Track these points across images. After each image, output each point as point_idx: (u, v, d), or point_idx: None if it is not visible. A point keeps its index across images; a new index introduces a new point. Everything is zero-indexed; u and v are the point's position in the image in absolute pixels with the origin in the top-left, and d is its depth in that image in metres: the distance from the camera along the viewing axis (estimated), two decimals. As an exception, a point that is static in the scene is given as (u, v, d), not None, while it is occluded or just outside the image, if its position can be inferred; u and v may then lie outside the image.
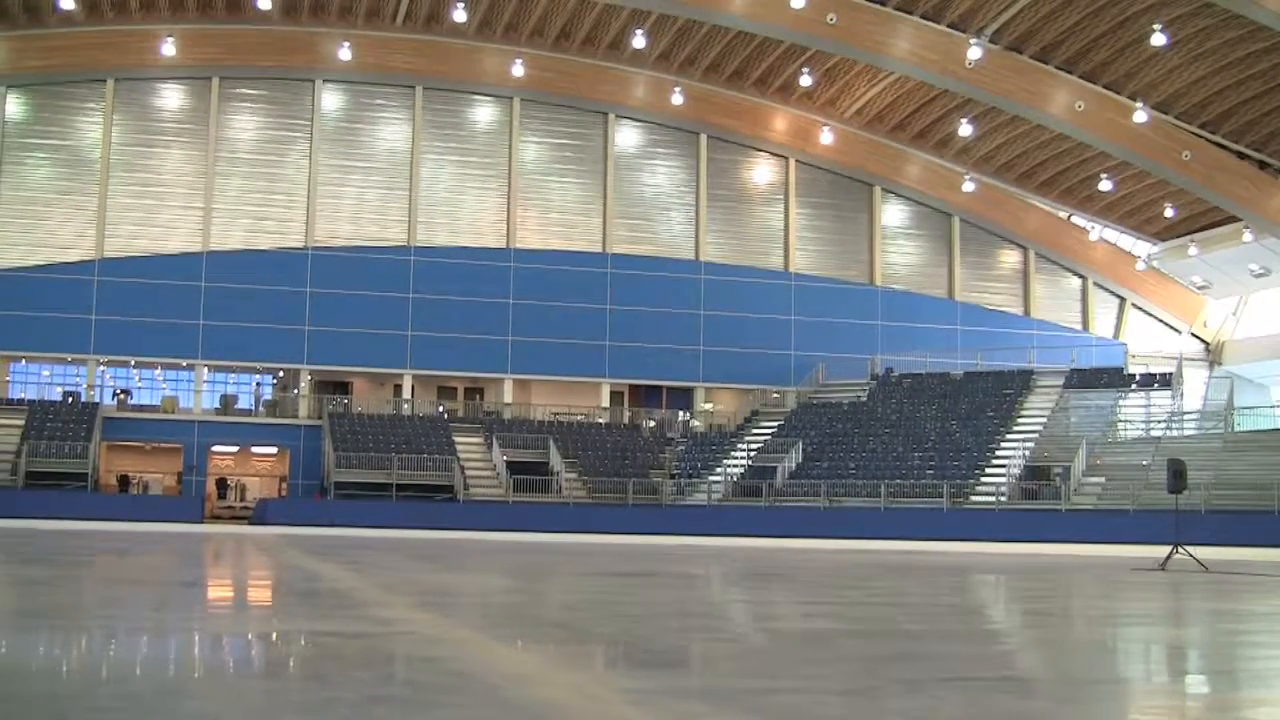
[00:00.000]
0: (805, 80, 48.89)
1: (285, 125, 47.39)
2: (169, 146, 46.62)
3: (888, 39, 45.03)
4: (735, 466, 45.02)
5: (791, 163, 52.84)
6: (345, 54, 45.52)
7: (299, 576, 15.04)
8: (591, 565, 19.73)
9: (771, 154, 52.86)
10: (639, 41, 46.51)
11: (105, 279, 44.67)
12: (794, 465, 44.24)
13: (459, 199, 48.84)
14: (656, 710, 4.70)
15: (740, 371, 50.22)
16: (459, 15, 44.63)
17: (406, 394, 47.83)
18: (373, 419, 45.57)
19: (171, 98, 46.86)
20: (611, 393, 50.19)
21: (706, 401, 51.87)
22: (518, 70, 47.25)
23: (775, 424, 47.86)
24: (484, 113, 49.50)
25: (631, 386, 51.03)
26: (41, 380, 46.95)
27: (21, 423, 41.80)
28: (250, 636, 7.61)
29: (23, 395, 45.12)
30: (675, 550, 27.58)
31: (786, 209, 52.79)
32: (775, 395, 50.68)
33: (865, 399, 48.80)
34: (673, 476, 44.33)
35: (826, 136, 51.64)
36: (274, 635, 7.74)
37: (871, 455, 44.73)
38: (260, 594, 12.52)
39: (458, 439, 44.22)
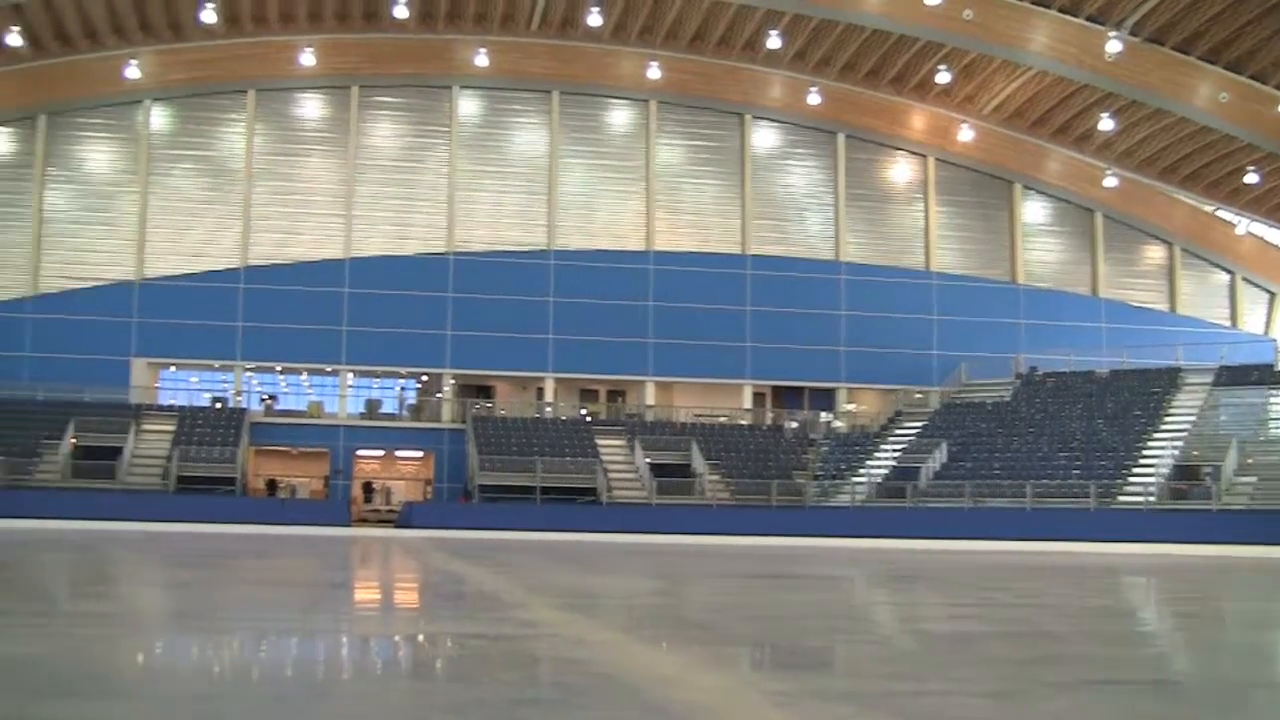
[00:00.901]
0: (942, 77, 55.09)
1: (424, 132, 55.54)
2: (310, 155, 55.05)
3: (1025, 33, 51.12)
4: (879, 467, 51.10)
5: (930, 160, 59.71)
6: (482, 60, 53.30)
7: (445, 579, 17.36)
8: (734, 567, 22.12)
9: (910, 152, 59.84)
10: (774, 42, 53.18)
11: (250, 286, 52.87)
12: (938, 466, 50.08)
13: (597, 202, 56.56)
14: (801, 713, 5.54)
15: (882, 372, 57.09)
16: (594, 19, 51.48)
17: (549, 397, 55.30)
18: (516, 422, 52.87)
19: (311, 107, 55.29)
20: (753, 394, 57.04)
21: (848, 402, 58.39)
22: (653, 73, 54.40)
23: (919, 424, 53.95)
24: (620, 116, 57.29)
25: (773, 388, 57.89)
26: (190, 387, 55.42)
27: (172, 428, 49.66)
28: (397, 638, 8.96)
29: (173, 401, 53.37)
30: (819, 552, 30.47)
31: (926, 207, 59.57)
32: (918, 395, 57.15)
33: (1009, 398, 54.89)
34: (816, 478, 50.51)
35: (965, 133, 58.21)
36: (420, 637, 9.07)
37: (1016, 455, 49.93)
38: (406, 596, 14.54)
39: (600, 441, 51.18)
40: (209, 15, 50.00)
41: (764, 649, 8.79)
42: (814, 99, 56.21)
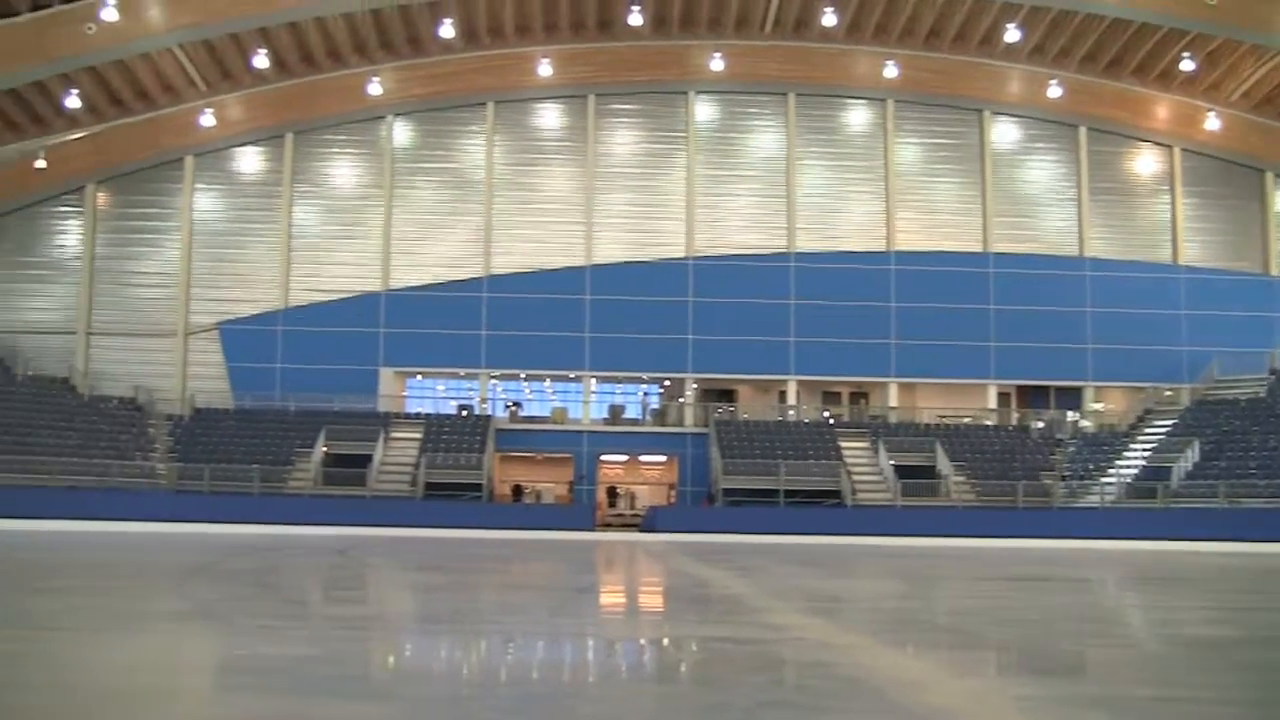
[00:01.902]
0: (1186, 65, 60.63)
1: (661, 138, 63.93)
2: (549, 164, 63.69)
3: (1273, 16, 56.03)
4: (1128, 467, 56.52)
5: (1176, 151, 65.52)
6: (717, 64, 60.53)
7: (690, 583, 19.74)
8: (981, 569, 24.29)
9: (1154, 144, 65.84)
10: (1012, 35, 59.35)
11: (493, 295, 61.57)
12: (1190, 465, 55.19)
13: (836, 203, 63.92)
14: (1050, 719, 6.26)
15: (1130, 369, 62.97)
16: (828, 19, 58.40)
17: (791, 400, 62.32)
18: (758, 425, 60.11)
19: (549, 117, 63.95)
20: (998, 394, 63.32)
21: (1095, 401, 63.99)
22: (890, 71, 61.14)
23: (1169, 423, 59.16)
24: (857, 116, 64.71)
25: (1018, 387, 64.02)
26: (437, 395, 64.72)
27: (419, 436, 58.00)
28: (642, 641, 10.83)
29: (420, 410, 62.24)
30: (1067, 554, 33.19)
31: (1173, 199, 65.66)
32: (1168, 393, 62.18)
33: (1264, 395, 59.77)
34: (1063, 478, 56.05)
35: (1212, 122, 63.57)
36: (666, 640, 10.88)
37: (1274, 453, 54.39)
38: (652, 600, 16.81)
39: (844, 444, 58.01)
40: (447, 30, 58.32)
41: (1012, 653, 9.90)
42: (1054, 92, 62.37)
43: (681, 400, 64.34)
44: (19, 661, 8.52)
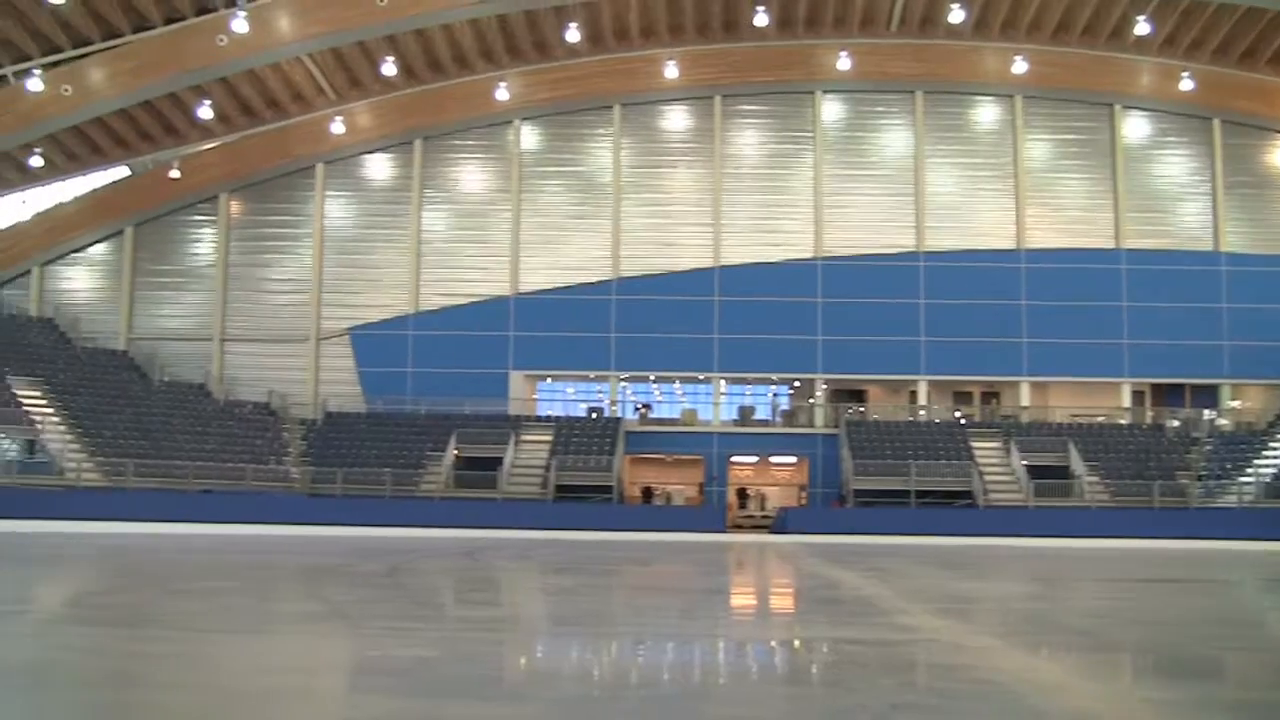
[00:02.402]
0: None
1: (787, 138, 64.34)
2: (676, 166, 64.41)
3: None
4: (1267, 466, 56.32)
5: None
6: (843, 64, 60.80)
7: (820, 584, 19.83)
8: (1116, 570, 24.18)
9: None
10: (1142, 28, 59.05)
11: (622, 298, 62.52)
12: None
13: (965, 202, 63.87)
14: None
15: (1268, 366, 62.27)
16: (955, 16, 58.31)
17: (922, 400, 62.60)
18: (889, 426, 60.47)
19: (675, 119, 64.64)
20: (1132, 392, 62.92)
21: (1233, 398, 63.67)
22: (1018, 67, 60.96)
23: None
24: (986, 113, 64.76)
25: (1152, 385, 63.59)
26: (566, 397, 65.48)
27: (550, 438, 58.98)
28: (773, 643, 10.89)
29: (550, 412, 63.28)
30: (1204, 555, 33.26)
31: None
32: None
33: None
34: (1200, 478, 55.85)
35: None
36: (796, 642, 10.96)
37: None
38: (782, 602, 16.89)
39: (975, 444, 58.19)
40: (573, 35, 59.08)
41: (1148, 656, 9.84)
42: (1186, 85, 61.83)
43: (811, 401, 64.80)
44: (158, 662, 8.91)
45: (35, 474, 52.65)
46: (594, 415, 63.89)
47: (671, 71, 62.81)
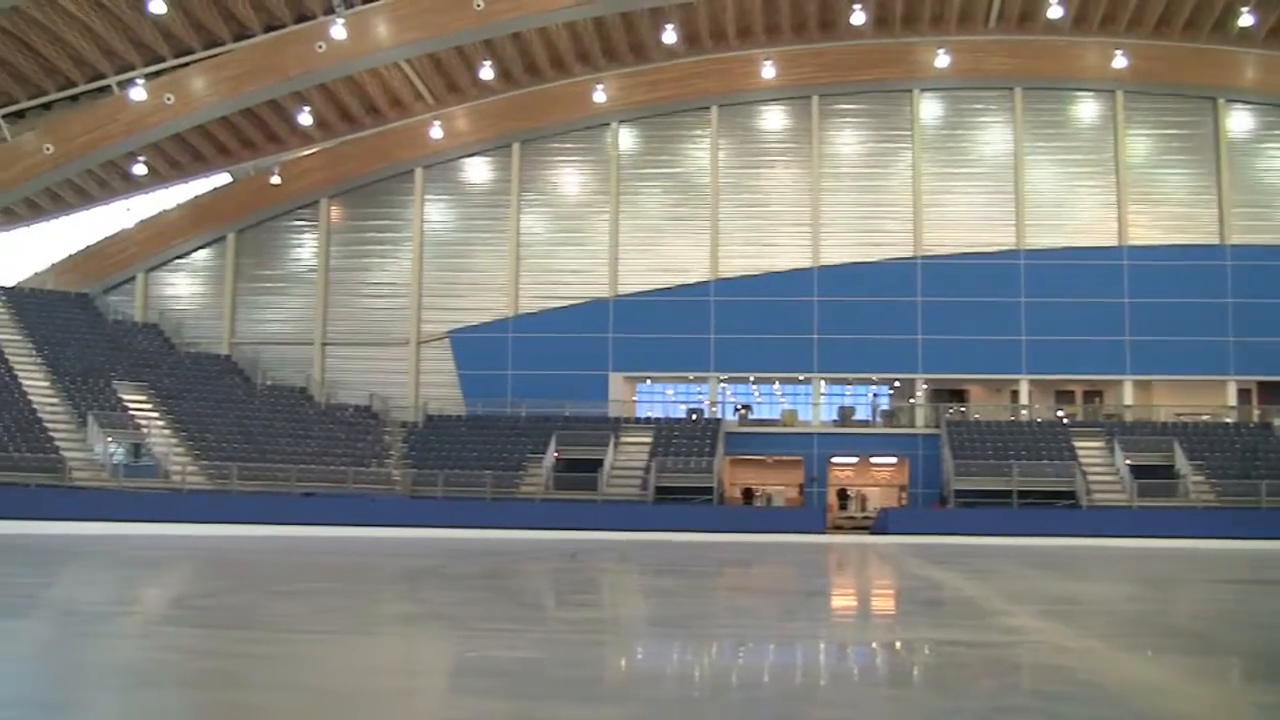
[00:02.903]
0: None
1: (885, 137, 64.44)
2: (773, 166, 64.70)
3: None
4: None
5: None
6: (941, 61, 60.88)
7: (922, 585, 19.87)
8: (1223, 572, 23.99)
9: None
10: (1246, 20, 58.61)
11: (720, 299, 62.82)
12: None
13: (1066, 199, 63.58)
14: None
15: None
16: (1054, 11, 58.17)
17: (1023, 399, 62.40)
18: (990, 425, 60.31)
19: (773, 119, 64.95)
20: (1238, 390, 62.38)
21: None
22: (1119, 62, 60.65)
23: None
24: (1086, 108, 64.42)
25: (1259, 383, 63.03)
26: (666, 399, 66.05)
27: (650, 440, 59.54)
28: (874, 645, 10.88)
29: (650, 414, 63.88)
30: None
31: None
32: None
33: None
34: None
35: None
36: (898, 644, 10.90)
37: None
38: (883, 603, 16.99)
39: (1078, 443, 57.97)
40: (669, 36, 59.56)
41: (1258, 660, 9.65)
42: None
43: (912, 401, 64.83)
44: (261, 663, 9.10)
45: (141, 477, 53.69)
46: (694, 416, 64.30)
47: (768, 71, 63.11)
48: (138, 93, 56.42)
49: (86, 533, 36.48)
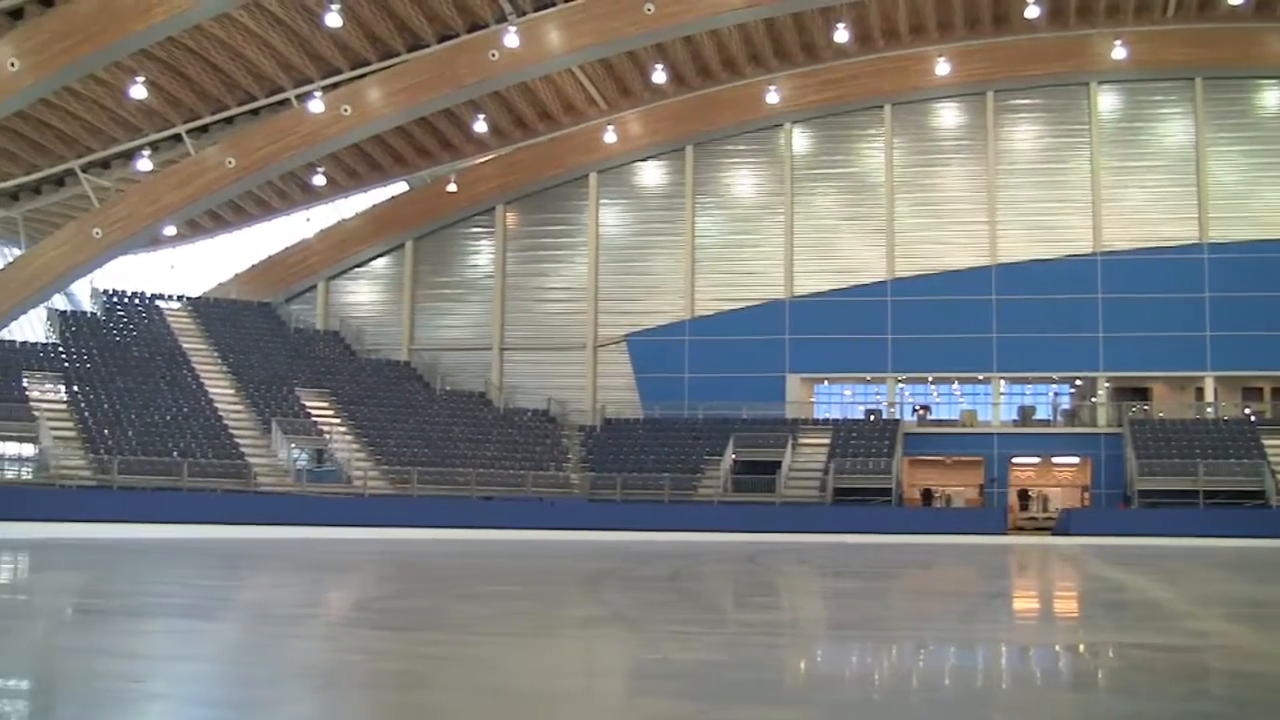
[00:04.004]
0: None
1: (1062, 131, 63.87)
2: (948, 164, 64.66)
3: None
4: None
5: None
6: (1118, 53, 60.18)
7: (1105, 587, 20.01)
8: None
9: None
10: None
11: (897, 299, 63.01)
12: None
13: (1251, 190, 62.49)
14: None
15: None
16: None
17: (1209, 397, 61.71)
18: (1174, 424, 59.70)
19: (947, 116, 65.02)
20: None
21: None
22: None
23: None
24: (1272, 97, 63.42)
25: None
26: (844, 400, 66.69)
27: (827, 441, 59.98)
28: (1056, 648, 10.82)
29: (827, 415, 64.44)
30: None
31: None
32: None
33: None
34: None
35: None
36: (1081, 647, 10.90)
37: None
38: (1066, 605, 17.09)
39: (1267, 441, 57.16)
40: (841, 35, 59.58)
41: None
42: None
43: (1093, 400, 64.32)
44: (445, 664, 9.31)
45: (324, 482, 55.05)
46: (872, 417, 64.57)
47: (942, 68, 62.98)
48: (316, 105, 57.72)
49: (272, 537, 37.21)
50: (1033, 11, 59.41)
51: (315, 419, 59.33)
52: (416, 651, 10.40)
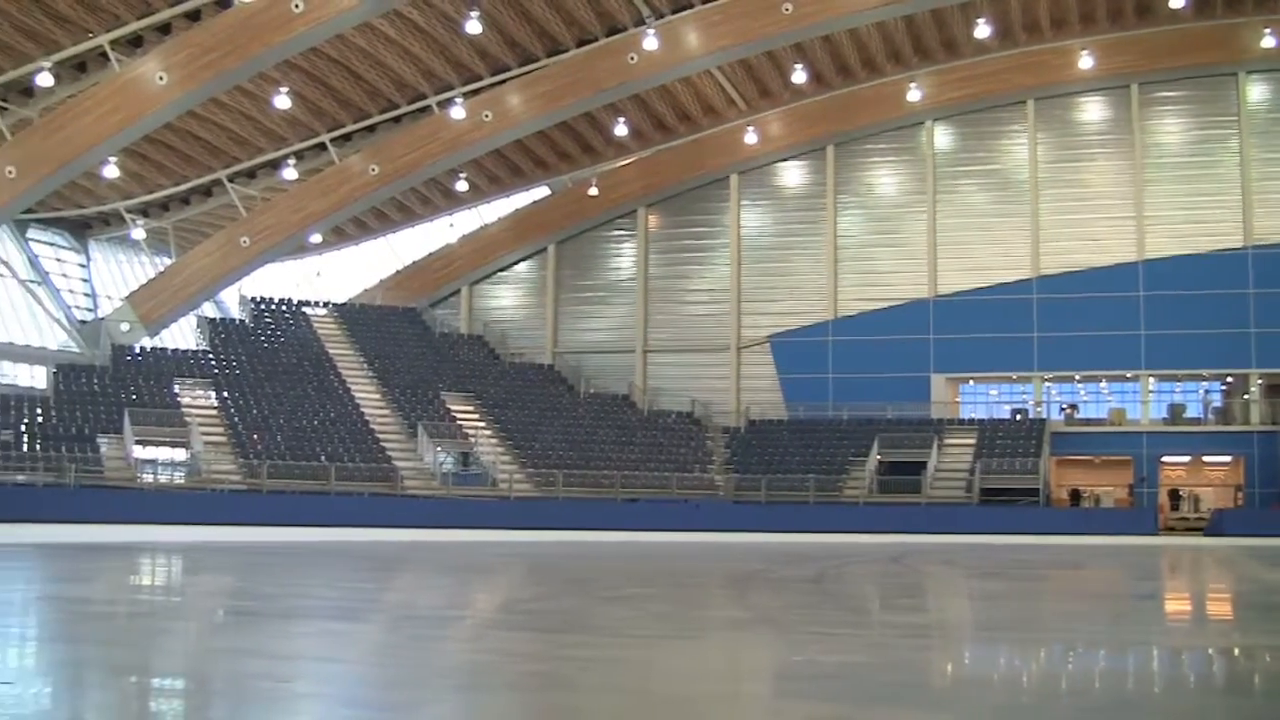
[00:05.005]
0: None
1: (1210, 123, 63.02)
2: (1093, 159, 64.02)
3: None
4: None
5: None
6: (1267, 42, 59.07)
7: (1260, 589, 19.44)
8: None
9: None
10: None
11: (1043, 296, 62.56)
12: None
13: None
14: None
15: None
16: None
17: None
18: None
19: (1091, 110, 64.38)
20: None
21: None
22: None
23: None
24: None
25: None
26: (989, 399, 66.29)
27: (973, 442, 59.86)
28: (1210, 651, 10.55)
29: (972, 415, 64.19)
30: None
31: None
32: None
33: None
34: None
35: None
36: (1235, 650, 10.66)
37: None
38: (1219, 608, 16.61)
39: None
40: (981, 30, 59.24)
41: None
42: None
43: (1246, 397, 63.30)
44: (589, 666, 9.36)
45: (470, 485, 55.50)
46: (1018, 417, 64.20)
47: (1085, 62, 62.57)
48: (457, 111, 58.53)
49: (418, 540, 37.63)
50: (1177, 2, 58.71)
51: (460, 422, 60.08)
52: (561, 653, 10.35)
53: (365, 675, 9.13)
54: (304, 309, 68.64)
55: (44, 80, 52.96)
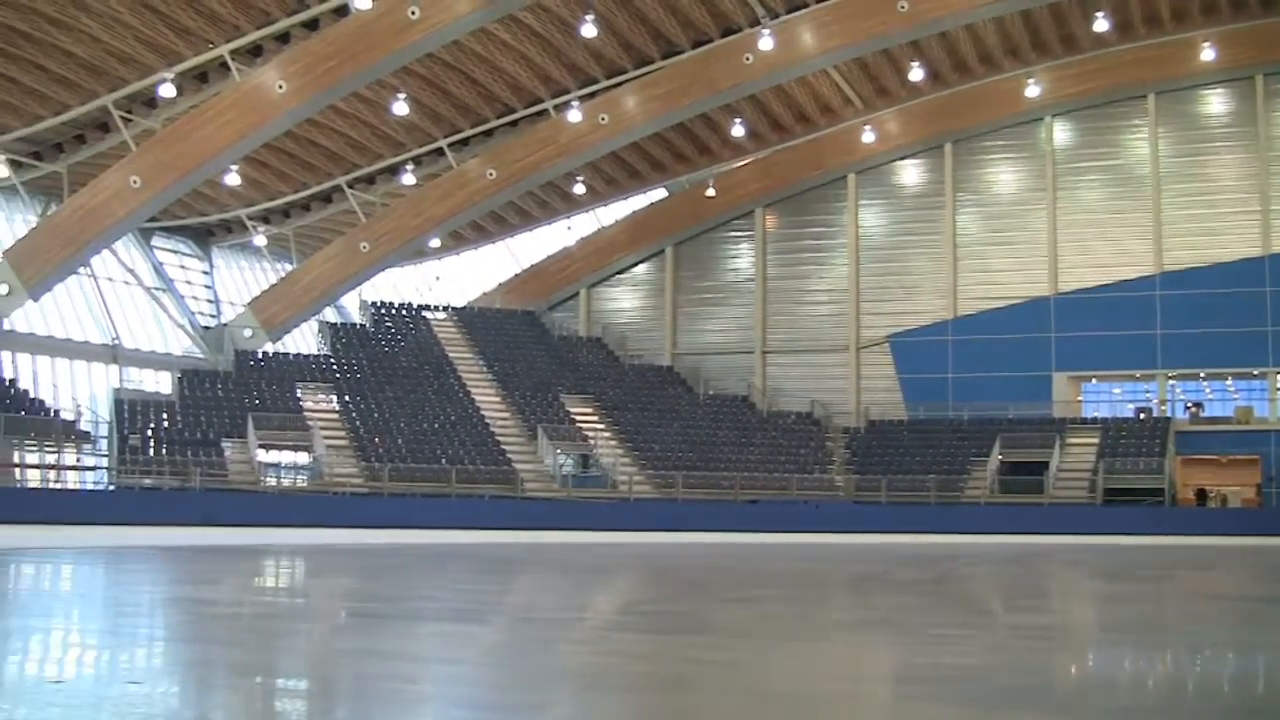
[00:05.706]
0: None
1: None
2: (1216, 153, 63.31)
3: None
4: None
5: None
6: None
7: None
8: None
9: None
10: None
11: (1166, 293, 61.85)
12: None
13: None
14: None
15: None
16: None
17: None
18: None
19: (1214, 103, 63.63)
20: None
21: None
22: None
23: None
24: None
25: None
26: (1113, 398, 65.57)
27: (1096, 441, 59.52)
28: None
29: (1095, 414, 63.53)
30: None
31: None
32: None
33: None
34: None
35: None
36: None
37: None
38: None
39: None
40: (1100, 24, 59.23)
41: None
42: None
43: (1380, 394, 61.47)
44: (708, 667, 9.33)
45: (590, 487, 55.75)
46: (1142, 416, 63.53)
47: (1208, 54, 61.70)
48: (573, 115, 58.83)
49: (538, 542, 37.93)
50: (1301, -9, 57.15)
51: (580, 425, 60.42)
52: (680, 655, 10.51)
53: (487, 677, 9.30)
54: (424, 313, 69.42)
55: (167, 91, 53.88)
